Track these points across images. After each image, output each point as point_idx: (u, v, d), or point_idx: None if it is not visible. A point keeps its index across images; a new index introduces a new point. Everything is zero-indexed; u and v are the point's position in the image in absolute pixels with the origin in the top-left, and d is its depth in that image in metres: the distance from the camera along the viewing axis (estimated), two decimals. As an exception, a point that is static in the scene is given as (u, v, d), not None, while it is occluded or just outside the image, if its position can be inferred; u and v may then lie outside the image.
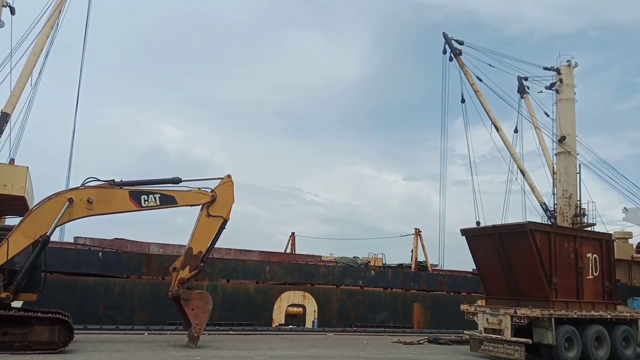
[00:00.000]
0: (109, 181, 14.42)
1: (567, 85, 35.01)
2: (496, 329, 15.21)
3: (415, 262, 32.72)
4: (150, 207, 14.80)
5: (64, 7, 26.25)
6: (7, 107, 24.10)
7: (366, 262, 30.92)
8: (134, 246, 25.58)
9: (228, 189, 16.32)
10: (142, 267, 22.86)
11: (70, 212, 13.63)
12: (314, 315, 25.47)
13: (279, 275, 25.61)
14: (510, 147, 35.78)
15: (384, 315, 27.14)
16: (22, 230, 13.10)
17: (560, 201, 34.06)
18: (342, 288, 26.77)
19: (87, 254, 22.47)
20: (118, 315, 21.42)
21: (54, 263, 18.25)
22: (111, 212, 14.48)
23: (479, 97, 35.03)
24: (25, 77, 24.63)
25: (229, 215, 16.16)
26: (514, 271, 15.81)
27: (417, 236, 33.22)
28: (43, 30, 25.16)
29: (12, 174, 22.13)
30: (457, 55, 35.15)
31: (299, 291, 25.54)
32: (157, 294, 21.53)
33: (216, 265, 23.89)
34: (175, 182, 15.51)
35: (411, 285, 28.74)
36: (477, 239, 17.15)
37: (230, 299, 23.87)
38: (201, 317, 15.40)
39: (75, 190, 13.99)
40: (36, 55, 24.97)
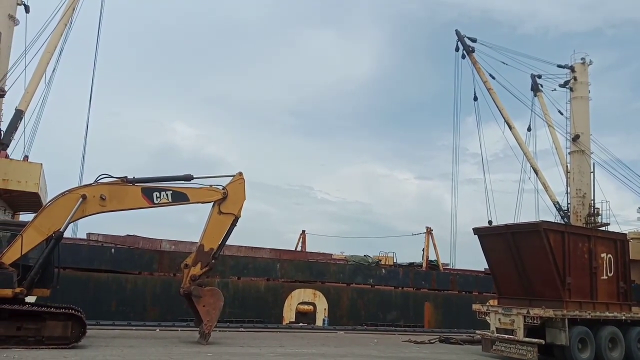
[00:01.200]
0: (122, 178, 14.48)
1: (582, 83, 34.61)
2: (508, 329, 15.07)
3: (427, 261, 32.54)
4: (162, 204, 14.86)
5: (78, 6, 26.48)
6: (21, 104, 24.36)
7: (377, 261, 30.82)
8: (146, 243, 25.74)
9: (239, 187, 16.33)
10: (154, 264, 22.99)
11: (84, 209, 13.73)
12: (324, 314, 25.45)
13: (289, 273, 25.62)
14: (523, 145, 35.49)
15: (395, 314, 27.05)
16: (35, 226, 13.22)
17: (574, 200, 33.71)
18: (353, 286, 26.71)
19: (100, 250, 22.64)
20: (130, 312, 21.56)
21: (67, 259, 18.38)
22: (124, 209, 14.55)
23: (492, 95, 34.76)
24: (39, 74, 24.89)
25: (240, 213, 16.18)
26: (527, 271, 15.65)
27: (428, 235, 33.04)
28: (57, 29, 25.40)
29: (26, 171, 22.38)
30: (469, 53, 34.91)
31: (309, 289, 25.53)
32: (169, 291, 21.65)
33: (227, 263, 23.97)
34: (187, 180, 15.56)
35: (422, 284, 28.60)
36: (489, 238, 17.01)
37: (241, 296, 23.92)
38: (212, 314, 15.44)
39: (88, 187, 14.08)
40: (50, 53, 25.22)
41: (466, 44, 34.93)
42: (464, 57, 35.12)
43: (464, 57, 35.12)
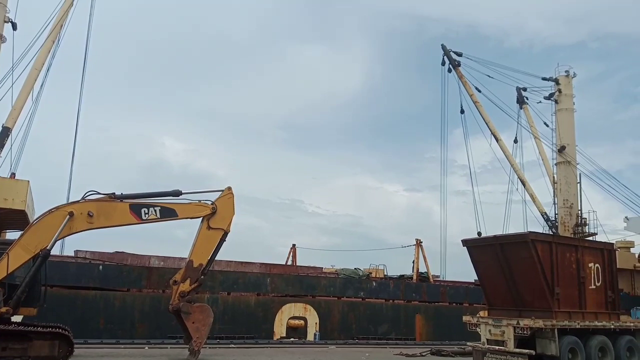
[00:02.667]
0: (110, 194, 14.41)
1: (566, 96, 35.14)
2: (499, 340, 15.09)
3: (417, 273, 32.59)
4: (151, 220, 14.78)
5: (66, 23, 26.46)
6: (8, 121, 24.19)
7: (367, 274, 30.82)
8: (134, 259, 25.54)
9: (228, 201, 16.30)
10: (142, 281, 22.78)
11: (71, 226, 13.61)
12: (315, 328, 25.32)
13: (280, 287, 25.51)
14: (510, 157, 35.85)
15: (386, 327, 26.98)
16: (22, 244, 13.07)
17: (561, 211, 34.01)
18: (344, 300, 26.64)
19: (88, 268, 22.41)
20: (118, 329, 21.31)
21: (55, 277, 18.19)
22: (112, 226, 14.45)
23: (478, 107, 35.16)
24: (26, 91, 24.76)
25: (229, 228, 16.13)
26: (516, 282, 15.73)
27: (418, 247, 33.12)
28: (44, 45, 25.35)
29: (13, 188, 22.13)
30: (455, 67, 35.36)
31: (300, 303, 25.42)
32: (158, 308, 21.45)
33: (217, 278, 23.82)
34: (176, 195, 15.50)
35: (413, 296, 28.61)
36: (478, 249, 17.09)
37: (231, 312, 23.75)
38: (202, 331, 15.30)
39: (75, 204, 13.98)
40: (37, 69, 25.12)
41: (452, 58, 35.40)
42: (450, 70, 35.57)
43: (450, 70, 35.57)
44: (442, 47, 35.72)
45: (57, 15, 25.90)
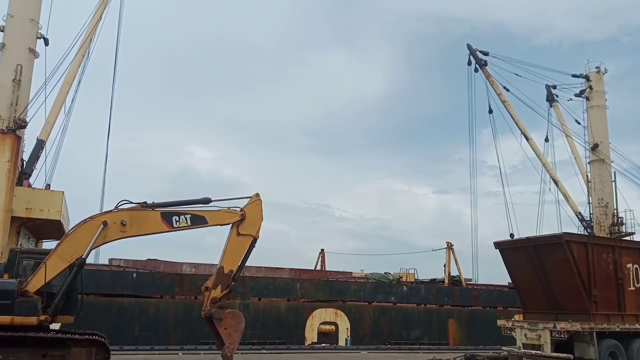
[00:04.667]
0: (141, 203, 14.63)
1: (597, 92, 34.25)
2: (535, 344, 14.76)
3: (449, 277, 32.14)
4: (182, 227, 14.93)
5: (95, 37, 27.20)
6: (42, 134, 24.95)
7: (398, 278, 30.54)
8: (166, 266, 25.94)
9: (257, 208, 16.35)
10: (175, 287, 23.10)
11: (105, 235, 13.87)
12: (346, 333, 25.21)
13: (310, 293, 25.50)
14: (542, 156, 35.10)
15: (418, 331, 26.67)
16: (58, 254, 13.39)
17: (596, 210, 33.08)
18: (375, 305, 26.45)
19: (122, 275, 22.85)
20: (152, 336, 21.63)
21: (90, 285, 18.60)
22: (144, 234, 14.66)
23: (507, 107, 34.59)
24: (59, 104, 25.51)
25: (258, 234, 16.17)
26: (552, 284, 15.36)
27: (449, 250, 32.67)
28: (75, 60, 26.09)
29: (49, 199, 22.82)
30: (482, 66, 34.90)
31: (330, 308, 25.36)
32: (190, 314, 21.70)
33: (247, 284, 23.97)
34: (205, 202, 15.64)
35: (445, 300, 28.20)
36: (511, 252, 16.77)
37: (262, 318, 23.85)
38: (234, 337, 15.34)
39: (109, 213, 14.25)
40: (69, 83, 25.87)
41: (478, 57, 34.95)
42: (476, 70, 35.13)
43: (476, 70, 35.13)
44: (468, 46, 35.31)
45: (87, 30, 26.64)
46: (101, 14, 27.33)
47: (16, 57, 24.58)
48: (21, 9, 25.15)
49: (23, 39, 24.97)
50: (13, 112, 23.75)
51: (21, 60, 24.64)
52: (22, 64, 24.53)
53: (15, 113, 23.75)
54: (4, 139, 21.41)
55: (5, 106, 23.88)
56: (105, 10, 27.51)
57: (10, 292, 12.62)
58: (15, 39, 24.80)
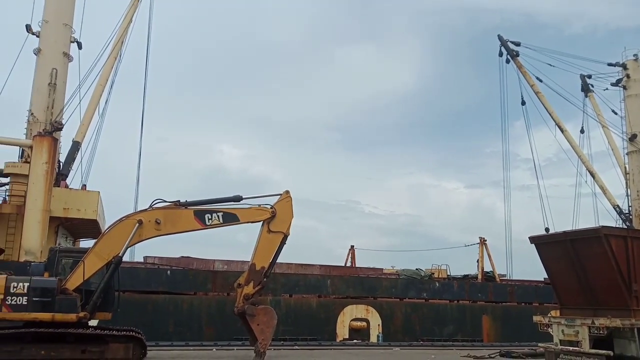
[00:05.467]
0: (175, 202, 14.90)
1: (635, 81, 33.14)
2: (573, 340, 14.37)
3: (482, 273, 31.65)
4: (214, 225, 15.15)
5: (126, 39, 27.78)
6: (77, 136, 25.66)
7: (430, 274, 30.25)
8: (199, 263, 26.34)
9: (287, 205, 16.46)
10: (208, 284, 23.43)
11: (140, 233, 14.18)
12: (378, 330, 25.11)
13: (340, 289, 25.49)
14: (577, 148, 34.22)
15: (452, 328, 26.36)
16: (96, 252, 13.76)
17: (635, 203, 32.07)
18: (406, 301, 26.26)
19: (157, 273, 23.30)
20: (187, 332, 22.00)
21: (126, 282, 19.03)
22: (178, 232, 14.94)
23: (540, 98, 33.85)
24: (93, 106, 26.18)
25: (289, 231, 16.28)
26: (589, 279, 14.92)
27: (482, 245, 32.15)
28: (107, 62, 26.72)
29: (85, 199, 23.49)
30: (514, 57, 34.24)
31: (361, 305, 25.29)
32: (223, 310, 21.97)
33: (278, 280, 24.12)
34: (237, 200, 15.83)
35: (479, 296, 27.78)
36: (547, 246, 16.36)
37: (294, 314, 23.98)
38: (266, 333, 15.50)
39: (144, 212, 14.56)
40: (102, 85, 26.51)
41: (510, 48, 34.29)
42: (508, 61, 34.48)
43: (508, 61, 34.48)
44: (499, 37, 34.67)
45: (118, 33, 27.23)
46: (131, 17, 27.90)
47: (51, 62, 25.34)
48: (55, 15, 25.90)
49: (57, 43, 25.71)
50: (49, 115, 24.50)
51: (56, 64, 25.38)
52: (57, 68, 25.26)
53: (52, 116, 24.50)
54: (41, 141, 22.10)
55: (41, 109, 24.65)
56: (135, 13, 28.08)
57: (50, 290, 13.05)
58: (50, 44, 25.56)
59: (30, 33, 25.58)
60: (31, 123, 24.51)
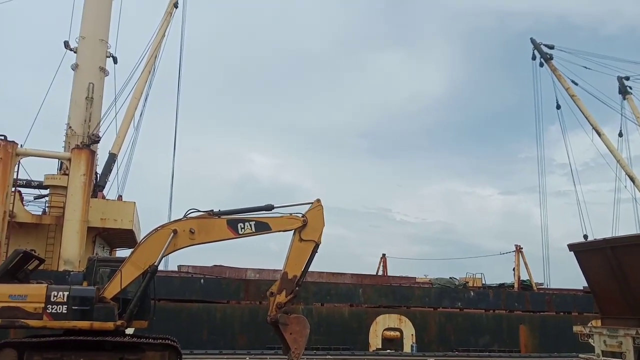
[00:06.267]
0: (208, 211, 15.07)
1: (677, 81, 31.99)
2: (616, 352, 13.86)
3: (518, 281, 30.95)
4: (247, 234, 15.25)
5: (159, 53, 28.48)
6: (114, 148, 26.36)
7: (464, 283, 29.74)
8: (232, 272, 26.59)
9: (318, 213, 16.43)
10: (240, 292, 23.58)
11: (175, 243, 14.38)
12: (412, 339, 24.75)
13: (372, 298, 25.27)
14: (616, 152, 33.20)
15: (488, 338, 25.76)
16: (133, 262, 14.01)
17: (680, 208, 30.81)
18: (440, 310, 25.83)
19: (190, 281, 23.61)
20: (220, 340, 22.15)
21: (161, 291, 19.34)
22: (211, 241, 15.09)
23: (576, 101, 33.04)
24: (128, 119, 26.88)
25: (320, 239, 16.24)
26: (632, 288, 14.38)
27: (518, 253, 31.47)
28: (142, 76, 27.42)
29: (122, 210, 24.06)
30: (547, 60, 33.59)
31: (394, 314, 25.00)
32: (256, 319, 22.06)
33: (310, 289, 24.09)
34: (268, 209, 15.91)
35: (515, 306, 27.10)
36: (586, 254, 15.87)
37: (326, 323, 23.88)
38: (299, 342, 15.45)
39: (178, 222, 14.77)
40: (137, 99, 27.21)
41: (543, 51, 33.66)
42: (542, 65, 33.87)
43: (542, 65, 33.87)
44: (532, 40, 34.11)
45: (152, 47, 27.94)
46: (164, 32, 28.62)
47: (88, 76, 26.20)
48: (92, 31, 26.79)
49: (94, 58, 26.58)
50: (87, 128, 25.29)
51: (93, 79, 26.22)
52: (94, 83, 26.09)
53: (89, 129, 25.27)
54: (79, 154, 22.76)
55: (79, 123, 25.47)
56: (168, 28, 28.79)
57: (89, 299, 13.33)
58: (87, 59, 26.43)
59: (68, 49, 26.52)
60: (69, 136, 25.34)
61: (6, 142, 21.06)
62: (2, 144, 20.94)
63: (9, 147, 21.10)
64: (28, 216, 23.22)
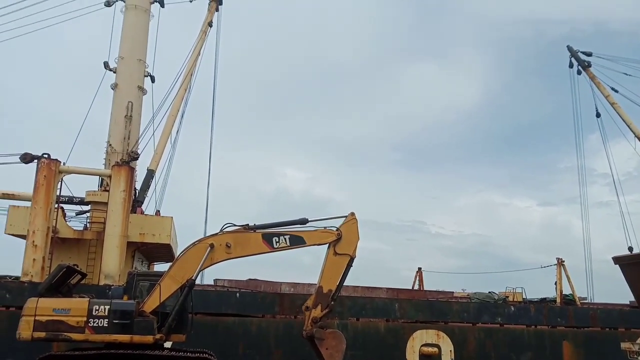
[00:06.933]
0: (244, 225, 15.22)
1: None
2: (670, 371, 13.18)
3: (561, 296, 29.91)
4: (282, 248, 15.31)
5: (195, 71, 29.16)
6: (152, 164, 26.96)
7: (504, 298, 28.94)
8: (266, 286, 26.63)
9: (352, 227, 16.38)
10: (275, 306, 23.55)
11: (212, 257, 14.56)
12: (450, 356, 24.15)
13: (409, 313, 24.82)
14: (661, 161, 31.96)
15: (529, 355, 24.89)
16: (171, 276, 14.23)
17: None
18: (479, 326, 25.14)
19: (226, 295, 23.73)
20: (256, 354, 22.14)
21: (197, 305, 19.52)
22: (247, 255, 15.21)
23: (617, 109, 32.04)
24: (165, 136, 27.50)
25: (355, 253, 16.16)
26: (685, 303, 13.72)
27: (559, 266, 30.45)
28: (178, 94, 28.08)
29: (159, 225, 24.51)
30: (585, 68, 32.78)
31: (432, 330, 24.47)
32: (291, 333, 21.96)
33: (345, 303, 23.86)
34: (303, 223, 15.93)
35: (558, 321, 26.14)
36: (632, 267, 15.28)
37: (362, 338, 23.56)
38: (336, 357, 15.32)
39: (215, 236, 14.96)
40: (174, 116, 27.85)
41: (581, 59, 32.89)
42: (579, 73, 33.08)
43: (579, 73, 33.08)
44: (569, 48, 33.35)
45: (187, 66, 28.63)
46: (199, 50, 29.31)
47: (127, 95, 27.01)
48: (130, 51, 27.67)
49: (132, 78, 27.41)
50: (126, 146, 25.99)
51: (131, 97, 27.02)
52: (133, 101, 26.87)
53: (128, 146, 25.96)
54: (119, 170, 23.35)
55: (119, 141, 26.21)
56: (203, 46, 29.48)
57: (129, 313, 13.58)
58: (126, 79, 27.27)
59: (107, 69, 27.43)
60: (109, 153, 26.09)
61: (50, 161, 21.80)
62: (47, 162, 21.69)
63: (53, 165, 21.84)
64: (70, 232, 23.92)
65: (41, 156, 21.73)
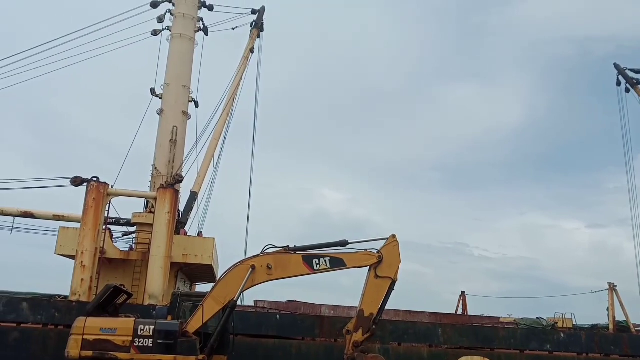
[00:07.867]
0: (284, 247, 15.30)
1: None
2: None
3: (614, 322, 28.49)
4: (322, 270, 15.26)
5: (237, 96, 29.88)
6: (195, 186, 27.61)
7: (553, 324, 27.79)
8: (306, 308, 26.52)
9: (394, 249, 16.17)
10: (315, 329, 23.36)
11: (253, 278, 14.66)
12: (497, 383, 23.27)
13: (453, 339, 24.12)
14: None
15: (581, 384, 23.72)
16: (214, 297, 14.39)
17: None
18: (527, 353, 24.15)
19: (266, 317, 23.74)
20: (296, 378, 21.95)
21: (238, 326, 19.59)
22: (287, 277, 15.23)
23: (668, 127, 30.73)
24: (208, 159, 28.14)
25: (396, 276, 15.92)
26: None
27: (612, 291, 29.11)
28: (221, 118, 28.79)
29: (202, 246, 24.92)
30: (634, 86, 31.77)
31: (477, 356, 23.67)
32: (331, 356, 21.68)
33: (386, 328, 23.42)
34: (343, 245, 15.86)
35: (611, 349, 24.83)
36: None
37: (404, 364, 23.03)
38: (377, 382, 15.04)
39: (256, 258, 15.08)
40: (216, 140, 28.51)
41: (628, 77, 31.95)
42: (628, 90, 32.05)
43: (628, 90, 32.05)
44: (616, 66, 32.44)
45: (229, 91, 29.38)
46: (242, 75, 30.08)
47: (172, 120, 27.89)
48: (176, 78, 28.68)
49: (177, 104, 28.33)
50: (171, 169, 26.74)
51: (176, 122, 27.88)
52: (177, 126, 27.73)
53: (173, 169, 26.70)
54: (164, 193, 23.96)
55: (164, 164, 27.00)
56: (245, 72, 30.25)
57: (173, 333, 13.79)
58: (171, 105, 28.21)
59: (154, 95, 28.47)
60: (155, 176, 26.87)
61: (99, 184, 22.60)
62: (95, 185, 22.49)
63: (102, 188, 22.63)
64: (117, 252, 24.61)
65: (90, 179, 22.55)
